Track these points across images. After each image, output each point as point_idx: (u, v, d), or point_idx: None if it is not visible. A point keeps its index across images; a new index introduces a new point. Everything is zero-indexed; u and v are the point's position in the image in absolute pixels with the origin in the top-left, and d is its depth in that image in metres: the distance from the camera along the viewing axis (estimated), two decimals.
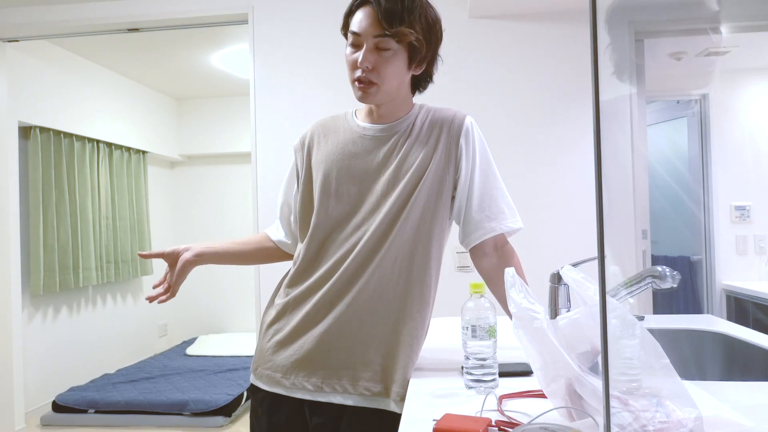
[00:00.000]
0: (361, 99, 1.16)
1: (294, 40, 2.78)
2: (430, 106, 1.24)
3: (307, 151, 1.26)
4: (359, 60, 1.11)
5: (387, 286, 1.12)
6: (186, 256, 1.25)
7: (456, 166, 1.17)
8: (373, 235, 1.13)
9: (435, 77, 1.26)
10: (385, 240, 1.12)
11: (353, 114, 1.26)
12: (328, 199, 1.19)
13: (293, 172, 1.31)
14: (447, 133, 1.17)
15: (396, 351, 1.10)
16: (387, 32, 1.08)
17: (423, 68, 1.18)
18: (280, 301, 1.21)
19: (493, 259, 1.21)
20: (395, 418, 1.03)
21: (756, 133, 3.42)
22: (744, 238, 3.44)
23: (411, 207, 1.13)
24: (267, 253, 1.37)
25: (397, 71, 1.13)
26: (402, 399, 1.05)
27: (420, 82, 1.23)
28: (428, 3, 1.16)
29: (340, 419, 1.10)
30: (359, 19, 1.11)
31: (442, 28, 1.19)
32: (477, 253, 1.22)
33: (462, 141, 1.17)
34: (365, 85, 1.13)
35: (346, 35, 1.16)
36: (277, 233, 1.36)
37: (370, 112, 1.23)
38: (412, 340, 1.11)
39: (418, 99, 1.28)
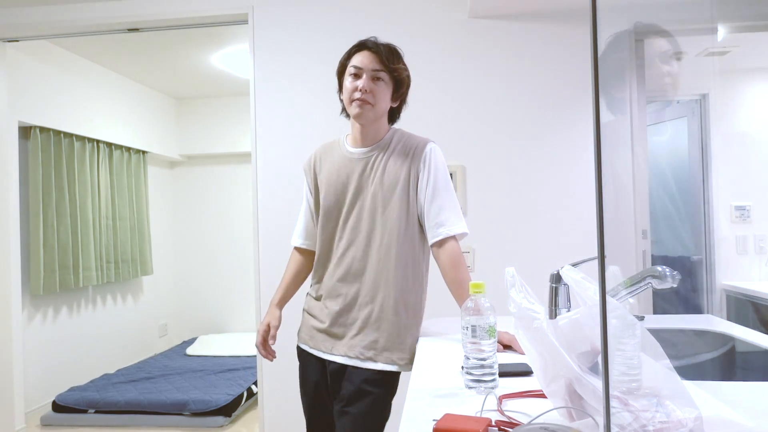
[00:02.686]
0: (357, 115, 1.50)
1: (294, 40, 2.78)
2: (403, 132, 1.59)
3: (313, 172, 1.64)
4: (360, 85, 1.47)
5: (372, 279, 1.49)
6: (275, 324, 1.65)
7: (416, 182, 1.51)
8: (364, 236, 1.51)
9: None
10: (371, 239, 1.50)
11: (345, 140, 1.61)
12: (329, 210, 1.56)
13: (308, 189, 1.68)
14: (412, 157, 1.52)
15: (382, 327, 1.47)
16: (390, 66, 1.48)
17: (398, 103, 1.57)
18: (312, 284, 1.65)
19: (443, 258, 1.48)
20: (389, 373, 1.46)
21: (756, 133, 3.42)
22: (744, 238, 3.44)
23: (387, 214, 1.49)
24: (309, 260, 1.71)
25: (386, 97, 1.52)
26: (392, 362, 1.46)
27: (394, 115, 1.62)
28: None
29: (347, 369, 1.50)
30: (360, 59, 1.49)
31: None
32: (434, 252, 1.52)
33: (421, 164, 1.51)
34: (363, 104, 1.47)
35: (340, 76, 1.55)
36: (299, 240, 1.72)
37: (355, 138, 1.57)
38: (394, 318, 1.47)
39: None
